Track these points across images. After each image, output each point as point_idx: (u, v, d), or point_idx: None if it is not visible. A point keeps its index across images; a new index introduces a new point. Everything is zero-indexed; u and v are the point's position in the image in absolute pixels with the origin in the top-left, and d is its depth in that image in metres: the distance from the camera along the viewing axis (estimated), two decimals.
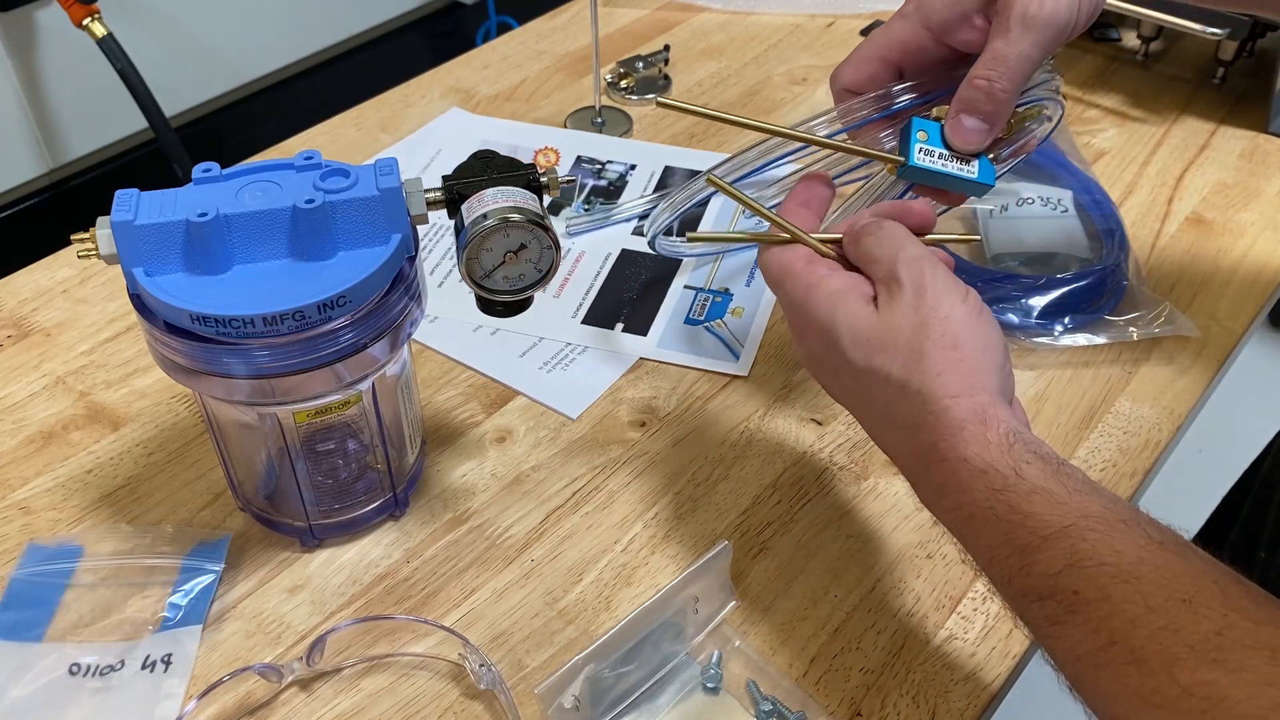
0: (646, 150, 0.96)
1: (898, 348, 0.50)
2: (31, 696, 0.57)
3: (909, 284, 0.51)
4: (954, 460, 0.48)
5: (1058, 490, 0.46)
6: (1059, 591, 0.44)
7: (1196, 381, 0.74)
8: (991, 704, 0.58)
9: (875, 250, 0.54)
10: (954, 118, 0.59)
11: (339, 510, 0.65)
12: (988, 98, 0.57)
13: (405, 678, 0.59)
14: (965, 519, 0.49)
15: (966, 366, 0.50)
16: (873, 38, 0.62)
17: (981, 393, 0.49)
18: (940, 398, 0.49)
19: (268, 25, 1.87)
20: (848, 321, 0.52)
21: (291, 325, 0.53)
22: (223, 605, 0.62)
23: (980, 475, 0.48)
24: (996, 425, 0.48)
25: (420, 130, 0.98)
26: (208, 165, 0.56)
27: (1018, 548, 0.46)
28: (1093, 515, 0.45)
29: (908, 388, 0.50)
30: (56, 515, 0.67)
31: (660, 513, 0.67)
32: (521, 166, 0.60)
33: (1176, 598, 0.42)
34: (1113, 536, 0.44)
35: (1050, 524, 0.46)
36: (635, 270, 0.83)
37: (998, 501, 0.47)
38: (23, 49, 1.60)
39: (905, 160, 0.59)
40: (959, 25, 0.59)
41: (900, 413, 0.51)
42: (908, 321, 0.51)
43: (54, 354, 0.77)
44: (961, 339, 0.50)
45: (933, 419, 0.49)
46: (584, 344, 0.77)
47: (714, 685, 0.58)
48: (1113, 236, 0.80)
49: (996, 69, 0.57)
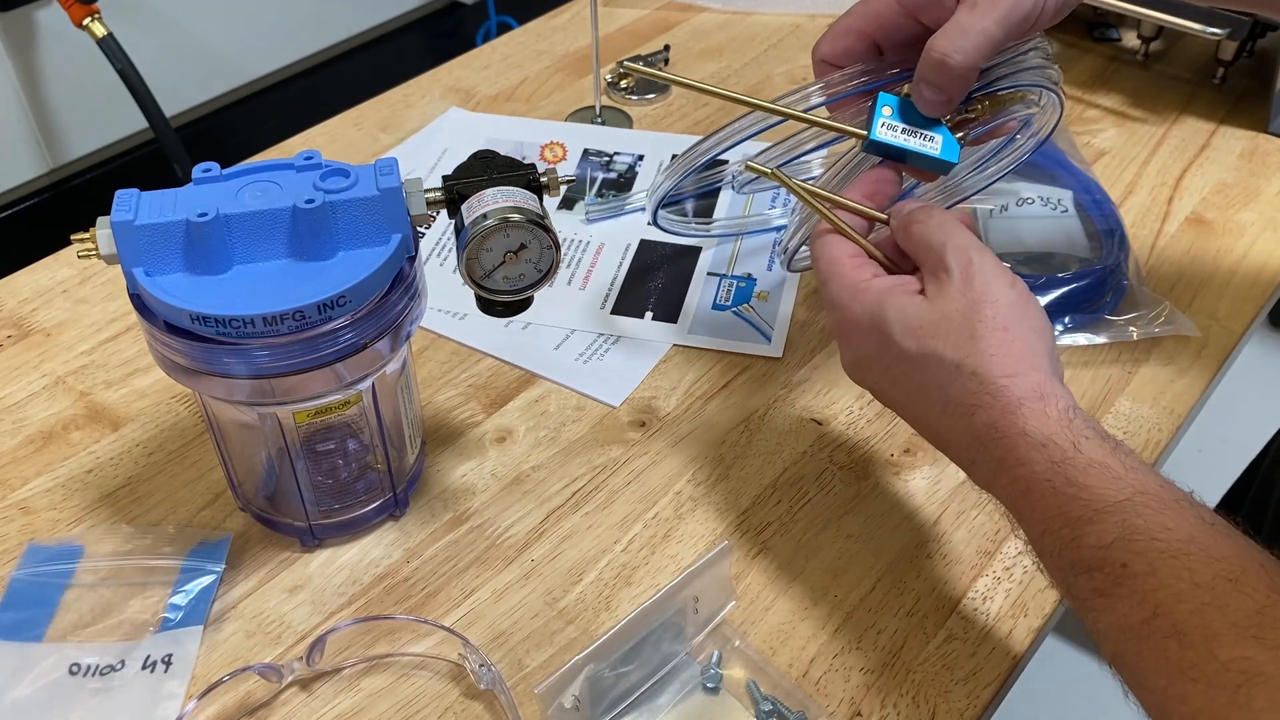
0: (653, 140, 0.96)
1: (950, 331, 0.52)
2: (32, 697, 0.57)
3: (958, 270, 0.53)
4: (1014, 434, 0.49)
5: (1115, 466, 0.47)
6: (1108, 564, 0.45)
7: (1196, 381, 0.74)
8: (991, 704, 0.58)
9: (926, 238, 0.55)
10: (915, 84, 0.59)
11: (339, 510, 0.65)
12: (940, 68, 0.57)
13: (405, 678, 0.59)
14: (1022, 492, 0.49)
15: (1020, 347, 0.51)
16: (851, 11, 0.63)
17: (1036, 371, 0.50)
18: (997, 377, 0.50)
19: (268, 25, 1.87)
20: (898, 313, 0.53)
21: (291, 325, 0.53)
22: (223, 605, 0.62)
23: (1039, 448, 0.49)
24: (1055, 401, 0.50)
25: (423, 130, 0.98)
26: (208, 165, 0.56)
27: (1071, 519, 0.47)
28: (1148, 492, 0.46)
29: (962, 368, 0.51)
30: (56, 515, 0.67)
31: (660, 513, 0.67)
32: (521, 166, 0.60)
33: (1223, 576, 0.42)
34: (1165, 514, 0.45)
35: (1105, 498, 0.46)
36: (656, 259, 0.84)
37: (1055, 474, 0.48)
38: (23, 49, 1.60)
39: (868, 135, 0.60)
40: (931, 3, 0.59)
41: (956, 395, 0.51)
42: (958, 306, 0.52)
43: (54, 354, 0.77)
44: (1012, 321, 0.51)
45: (989, 398, 0.50)
46: (617, 334, 0.78)
47: (714, 685, 0.58)
48: (1113, 236, 0.80)
49: (955, 41, 0.57)
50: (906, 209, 0.57)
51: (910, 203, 0.58)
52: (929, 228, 0.55)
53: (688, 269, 0.83)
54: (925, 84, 0.59)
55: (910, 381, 0.54)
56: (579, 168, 0.93)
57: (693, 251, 0.85)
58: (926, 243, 0.55)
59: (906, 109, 0.60)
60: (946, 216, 0.56)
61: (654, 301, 0.81)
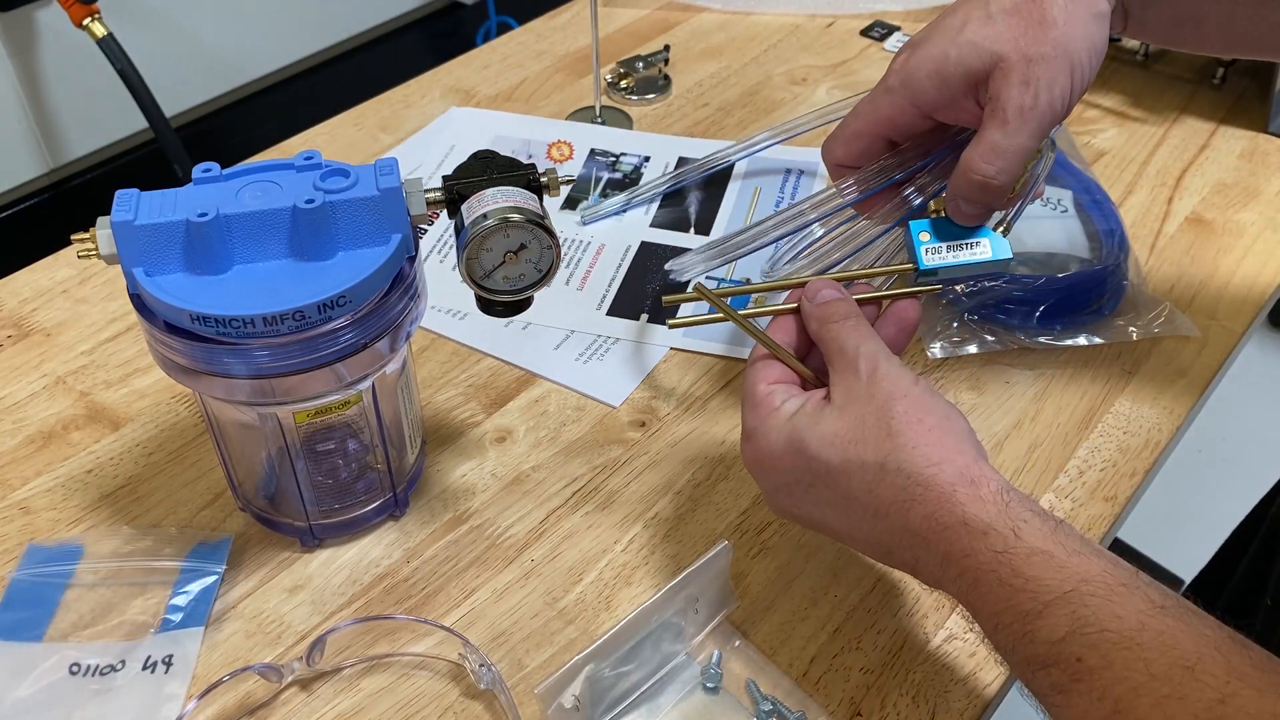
0: (659, 142, 0.96)
1: (866, 434, 0.51)
2: (33, 697, 0.57)
3: (864, 371, 0.52)
4: (954, 524, 0.48)
5: (1057, 552, 0.46)
6: (1063, 659, 0.44)
7: (1196, 381, 0.74)
8: (992, 704, 0.58)
9: (840, 340, 0.54)
10: (952, 201, 0.59)
11: (339, 510, 0.65)
12: (983, 190, 0.57)
13: (405, 678, 0.59)
14: (971, 584, 0.48)
15: (938, 434, 0.50)
16: (859, 113, 0.62)
17: (960, 455, 0.50)
18: (923, 468, 0.49)
19: (268, 25, 1.88)
20: (811, 427, 0.52)
21: (291, 325, 0.53)
22: (223, 605, 0.62)
23: (981, 536, 0.47)
24: (986, 483, 0.49)
25: (426, 129, 0.98)
26: (208, 165, 0.56)
27: (1021, 614, 0.46)
28: (1093, 579, 0.45)
29: (886, 467, 0.50)
30: (56, 515, 0.67)
31: (660, 513, 0.67)
32: (521, 166, 0.60)
33: (1179, 664, 0.42)
34: (1113, 601, 0.44)
35: (1051, 589, 0.45)
36: (656, 262, 0.84)
37: (1000, 564, 0.47)
38: (23, 49, 1.60)
39: (916, 266, 0.60)
40: (948, 106, 0.59)
41: (886, 495, 0.50)
42: (869, 407, 0.51)
43: (54, 354, 0.77)
44: (924, 413, 0.51)
45: (921, 489, 0.49)
46: (614, 335, 0.78)
47: (714, 685, 0.58)
48: (1113, 237, 0.80)
49: (994, 163, 0.56)
50: (820, 296, 0.57)
51: (826, 290, 0.57)
52: (843, 329, 0.55)
53: None
54: (965, 201, 0.59)
55: (836, 495, 0.52)
56: (584, 167, 0.93)
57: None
58: (839, 344, 0.54)
59: (941, 227, 0.61)
60: (860, 320, 0.55)
61: (650, 304, 0.81)
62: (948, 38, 0.57)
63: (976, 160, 0.57)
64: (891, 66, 0.60)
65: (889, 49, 1.07)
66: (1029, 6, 0.56)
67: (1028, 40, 0.55)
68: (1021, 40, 0.55)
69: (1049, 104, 0.55)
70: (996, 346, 0.75)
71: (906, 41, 0.60)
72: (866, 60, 1.06)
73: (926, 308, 0.78)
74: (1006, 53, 0.55)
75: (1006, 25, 0.56)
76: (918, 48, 0.59)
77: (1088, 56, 0.56)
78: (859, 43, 1.08)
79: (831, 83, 1.03)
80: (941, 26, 0.58)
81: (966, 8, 0.58)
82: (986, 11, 0.57)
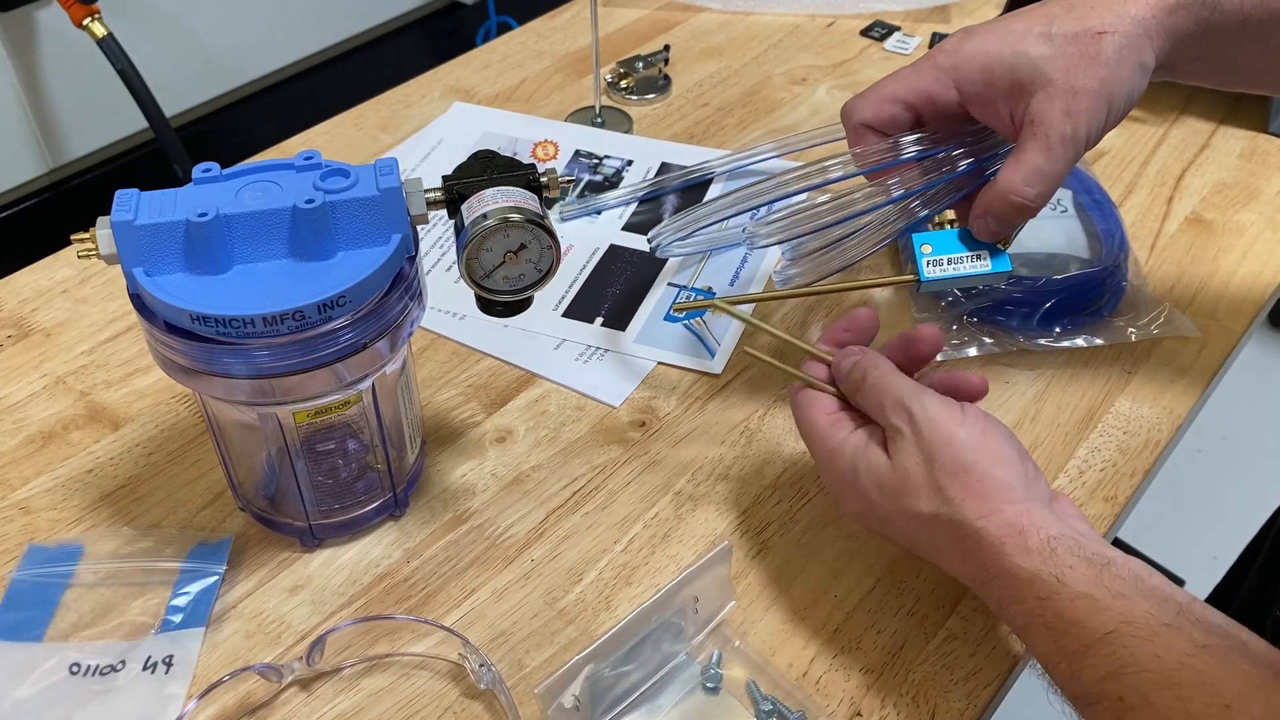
0: (644, 146, 0.96)
1: (917, 488, 0.53)
2: (34, 698, 0.57)
3: (905, 426, 0.54)
4: (1003, 575, 0.51)
5: (1100, 595, 0.48)
6: (1106, 697, 0.46)
7: (1196, 381, 0.74)
8: (991, 704, 0.58)
9: (867, 404, 0.57)
10: (981, 218, 0.60)
11: (339, 510, 0.65)
12: (1020, 212, 0.59)
13: (405, 678, 0.59)
14: (1023, 628, 0.51)
15: (986, 484, 0.52)
16: (899, 78, 0.62)
17: (1009, 505, 0.51)
18: (972, 520, 0.51)
19: (268, 25, 1.88)
20: (869, 475, 0.55)
21: (291, 325, 0.53)
22: (223, 605, 0.62)
23: (1028, 585, 0.50)
24: (1035, 533, 0.50)
25: (425, 129, 0.98)
26: (208, 165, 0.56)
27: (1066, 654, 0.48)
28: (1135, 620, 0.46)
29: (940, 520, 0.53)
30: (56, 515, 0.67)
31: (660, 513, 0.67)
32: (521, 166, 0.60)
33: (1218, 703, 0.43)
34: (1154, 642, 0.46)
35: (1093, 630, 0.47)
36: (621, 266, 0.84)
37: (1045, 609, 0.49)
38: (23, 49, 1.60)
39: (918, 278, 0.61)
40: (986, 103, 0.60)
41: (944, 542, 0.53)
42: (914, 460, 0.54)
43: (54, 354, 0.77)
44: (972, 460, 0.53)
45: (973, 543, 0.52)
46: (561, 337, 0.78)
47: (714, 685, 0.58)
48: (1113, 237, 0.80)
49: (1036, 186, 0.58)
50: (845, 366, 0.59)
51: (849, 358, 0.59)
52: (866, 392, 0.57)
53: (649, 277, 0.82)
54: (995, 220, 0.60)
55: (906, 529, 0.55)
56: (568, 168, 0.93)
57: (659, 261, 0.84)
58: (878, 404, 0.56)
59: (942, 240, 0.62)
60: (881, 371, 0.57)
61: (607, 307, 0.80)
62: (1005, 41, 0.58)
63: (1019, 183, 0.58)
64: (943, 45, 0.61)
65: (889, 49, 1.07)
66: (1087, 40, 0.57)
67: (1078, 72, 0.57)
68: (1072, 71, 0.57)
69: (1086, 137, 0.57)
70: (995, 349, 0.75)
71: (964, 28, 0.61)
72: (866, 60, 1.06)
73: (926, 309, 0.78)
74: (1055, 78, 0.57)
75: (1062, 51, 0.57)
76: (974, 37, 0.60)
77: (1124, 102, 0.58)
78: (859, 43, 1.08)
79: (831, 83, 1.03)
80: (1002, 28, 0.59)
81: (1030, 18, 0.59)
82: (1048, 30, 0.57)
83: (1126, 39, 0.57)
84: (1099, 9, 0.57)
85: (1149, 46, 0.58)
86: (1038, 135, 0.57)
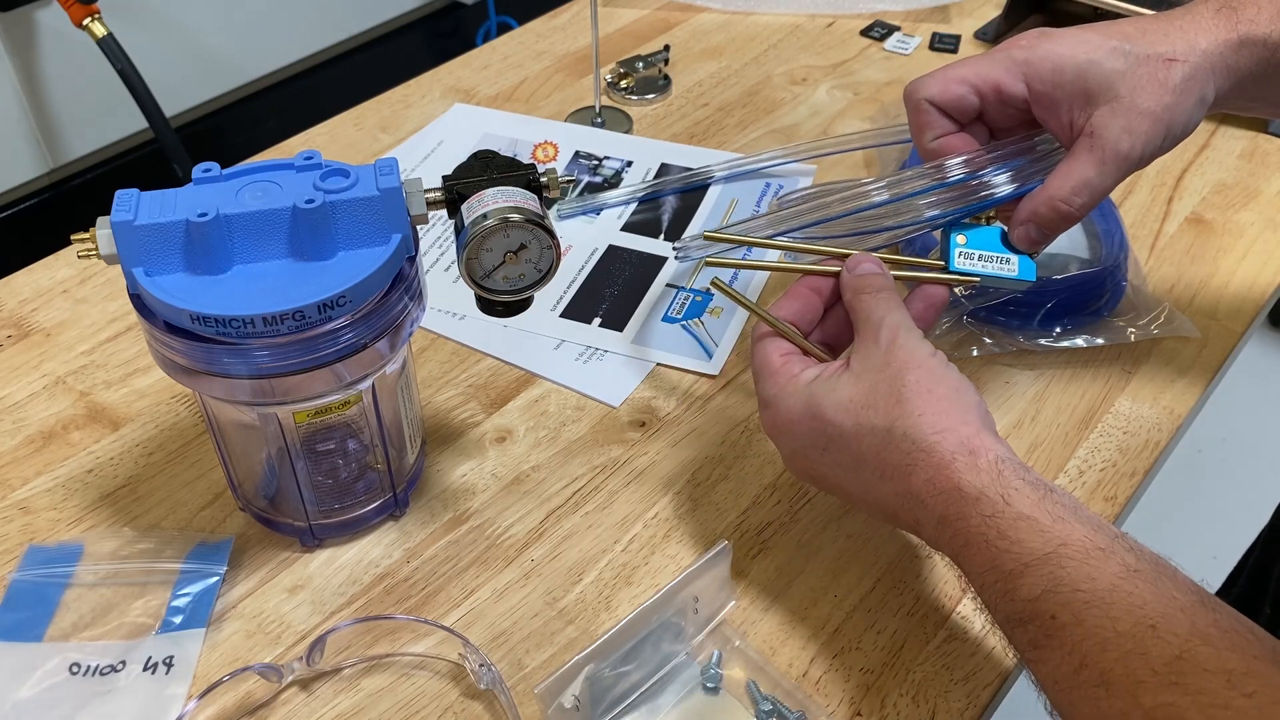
0: (644, 146, 0.96)
1: (878, 400, 0.54)
2: (35, 698, 0.57)
3: (884, 340, 0.56)
4: (950, 490, 0.51)
5: (1041, 517, 0.49)
6: (1038, 616, 0.47)
7: (1196, 381, 0.74)
8: (991, 704, 0.58)
9: (868, 310, 0.58)
10: (1024, 225, 0.61)
11: (339, 510, 0.65)
12: (1065, 220, 0.60)
13: (405, 678, 0.59)
14: (961, 546, 0.51)
15: (945, 405, 0.53)
16: (970, 63, 0.62)
17: (965, 425, 0.53)
18: (927, 434, 0.52)
19: (268, 25, 1.87)
20: (827, 394, 0.55)
21: (291, 325, 0.53)
22: (223, 605, 0.62)
23: (974, 502, 0.50)
24: (984, 453, 0.51)
25: (425, 129, 0.98)
26: (208, 165, 0.56)
27: (1004, 573, 0.49)
28: (1072, 543, 0.48)
29: (893, 432, 0.53)
30: (56, 515, 0.67)
31: (660, 513, 0.67)
32: (521, 166, 0.60)
33: (1144, 623, 0.44)
34: (1089, 564, 0.47)
35: (1032, 551, 0.48)
36: (620, 266, 0.84)
37: (988, 527, 0.50)
38: (23, 49, 1.60)
39: (946, 266, 0.62)
40: (1051, 103, 0.60)
41: (892, 459, 0.53)
42: (883, 375, 0.54)
43: (54, 354, 0.77)
44: (935, 383, 0.54)
45: (923, 455, 0.52)
46: (559, 338, 0.78)
47: (714, 685, 0.58)
48: (1112, 238, 0.80)
49: (1085, 197, 0.59)
50: (860, 269, 0.60)
51: (866, 264, 0.60)
52: (874, 300, 0.58)
53: (648, 278, 0.83)
54: (1038, 227, 0.60)
55: (848, 457, 0.55)
56: (568, 169, 0.93)
57: (658, 261, 0.84)
58: (866, 314, 0.57)
59: (979, 236, 0.62)
60: (892, 294, 0.58)
61: (605, 308, 0.80)
62: (1081, 49, 0.59)
63: (1067, 192, 0.59)
64: (1019, 40, 0.61)
65: (889, 49, 1.07)
66: (1157, 64, 0.58)
67: (1145, 93, 0.57)
68: (1139, 91, 0.57)
69: (1139, 158, 0.58)
70: (995, 349, 0.75)
71: (1041, 28, 0.61)
72: (866, 60, 1.06)
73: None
74: (1123, 94, 0.58)
75: (1134, 70, 0.58)
76: (1050, 38, 0.60)
77: (1181, 130, 0.59)
78: (859, 43, 1.08)
79: (831, 83, 1.03)
80: (1080, 36, 0.59)
81: (1107, 32, 0.59)
82: (1124, 48, 0.58)
83: (1194, 70, 0.58)
84: (1172, 36, 0.58)
85: (1212, 82, 0.59)
86: (1094, 147, 0.58)
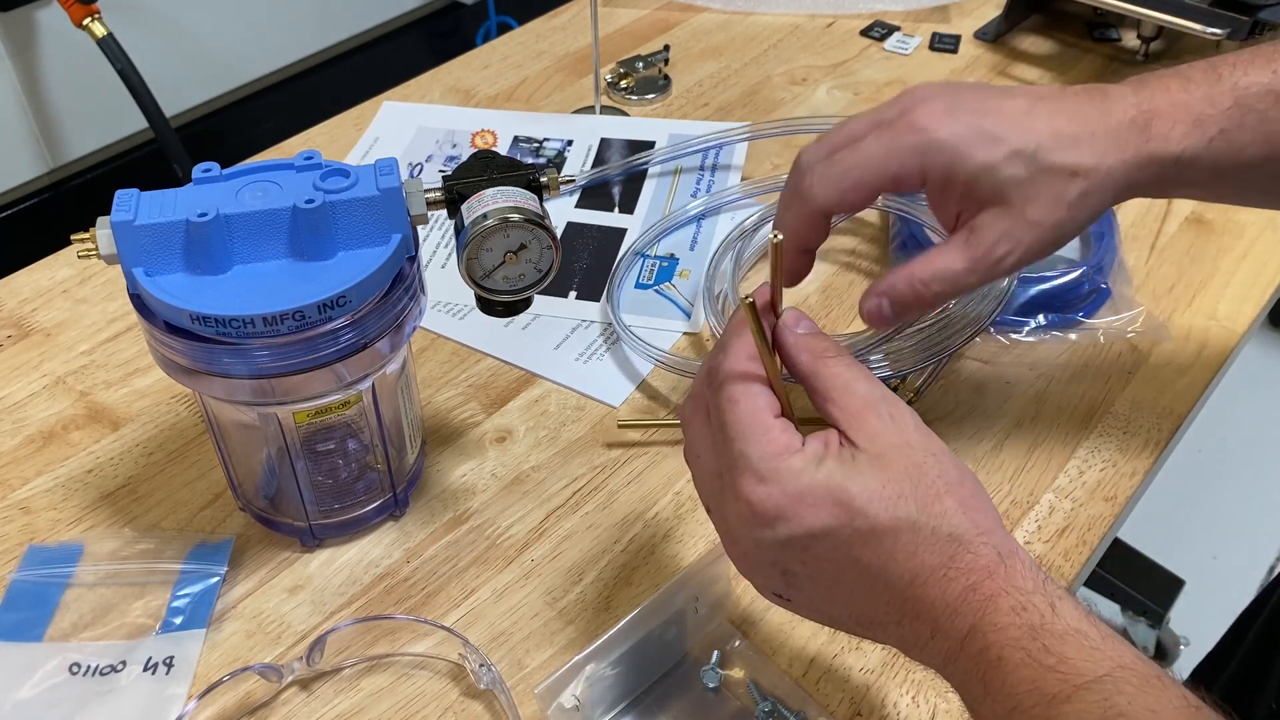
0: (581, 124, 0.98)
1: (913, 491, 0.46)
2: (35, 699, 0.57)
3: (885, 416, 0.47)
4: (996, 595, 0.44)
5: (1091, 633, 0.43)
6: None
7: (1196, 381, 0.74)
8: None
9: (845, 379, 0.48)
10: (879, 299, 0.56)
11: (339, 510, 0.65)
12: (919, 304, 0.56)
13: (405, 678, 0.59)
14: (993, 662, 0.43)
15: (977, 501, 0.47)
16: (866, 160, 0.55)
17: (999, 527, 0.47)
18: (973, 536, 0.45)
19: (268, 25, 1.87)
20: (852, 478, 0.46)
21: (291, 325, 0.53)
22: (223, 605, 0.62)
23: (1019, 612, 0.44)
24: (1022, 557, 0.46)
25: (361, 138, 0.97)
26: (208, 165, 0.56)
27: (1046, 697, 0.42)
28: (1128, 666, 0.42)
29: (937, 533, 0.45)
30: (56, 515, 0.67)
31: (660, 513, 0.67)
32: (521, 166, 0.60)
33: None
34: (1149, 693, 0.41)
35: (1084, 672, 0.42)
36: (583, 241, 0.86)
37: (1032, 641, 0.43)
38: (23, 49, 1.60)
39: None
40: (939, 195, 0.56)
41: (930, 561, 0.45)
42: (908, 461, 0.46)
43: (54, 354, 0.77)
44: (958, 475, 0.47)
45: (970, 558, 0.45)
46: (537, 313, 0.79)
47: (714, 685, 0.58)
48: (1102, 239, 0.79)
49: (943, 287, 0.55)
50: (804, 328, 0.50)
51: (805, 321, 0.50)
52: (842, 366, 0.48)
53: (613, 249, 0.85)
54: (890, 302, 0.56)
55: (869, 554, 0.46)
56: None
57: (618, 233, 0.86)
58: (844, 383, 0.48)
59: None
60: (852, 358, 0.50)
61: (578, 281, 0.82)
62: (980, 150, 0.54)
63: (928, 275, 0.55)
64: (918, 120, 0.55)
65: (889, 49, 1.07)
66: (1061, 177, 0.54)
67: (1038, 206, 0.54)
68: (1033, 203, 0.54)
69: (1013, 266, 0.55)
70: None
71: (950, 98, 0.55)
72: (866, 60, 1.06)
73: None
74: (1014, 203, 0.54)
75: (1034, 179, 0.54)
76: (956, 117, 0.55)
77: (1066, 239, 0.56)
78: (859, 43, 1.08)
79: (831, 83, 1.03)
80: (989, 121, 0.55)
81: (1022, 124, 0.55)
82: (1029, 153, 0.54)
83: (1093, 187, 0.55)
84: (1082, 147, 0.54)
85: (1109, 197, 0.56)
86: (969, 244, 0.55)
